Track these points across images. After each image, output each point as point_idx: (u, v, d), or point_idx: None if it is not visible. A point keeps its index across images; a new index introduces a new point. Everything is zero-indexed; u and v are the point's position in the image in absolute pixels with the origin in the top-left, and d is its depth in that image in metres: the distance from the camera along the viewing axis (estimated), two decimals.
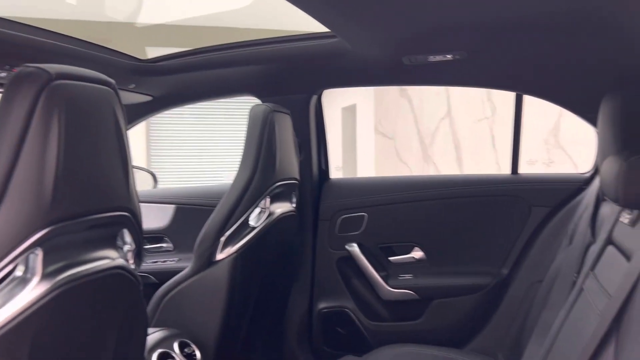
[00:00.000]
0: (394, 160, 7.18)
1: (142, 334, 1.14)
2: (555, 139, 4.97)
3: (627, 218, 1.08)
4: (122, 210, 0.96)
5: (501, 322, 1.92)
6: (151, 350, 1.35)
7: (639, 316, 0.83)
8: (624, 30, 1.33)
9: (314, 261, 2.13)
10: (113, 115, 0.90)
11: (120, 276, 0.98)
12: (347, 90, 7.34)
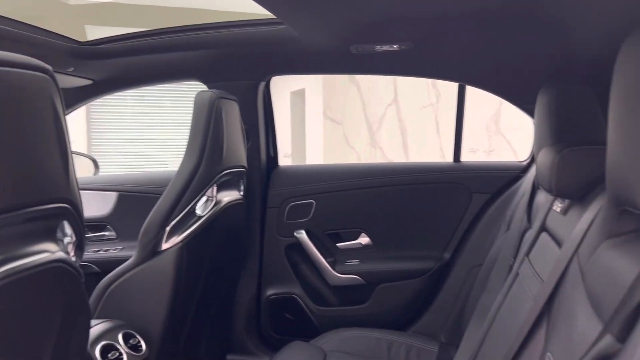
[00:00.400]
0: (342, 146, 7.24)
1: (84, 327, 1.11)
2: (496, 126, 5.15)
3: (560, 207, 1.14)
4: (62, 201, 0.93)
5: (443, 304, 1.99)
6: (94, 343, 1.32)
7: (568, 300, 0.88)
8: (558, 26, 1.39)
9: (262, 248, 2.13)
10: (51, 104, 0.86)
11: (60, 269, 0.95)
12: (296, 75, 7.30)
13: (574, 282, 0.87)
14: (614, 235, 0.80)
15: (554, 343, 0.87)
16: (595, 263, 0.82)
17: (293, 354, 1.71)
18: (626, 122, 0.71)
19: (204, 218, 1.60)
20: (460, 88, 2.00)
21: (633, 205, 0.71)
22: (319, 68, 1.96)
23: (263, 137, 2.05)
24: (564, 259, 0.93)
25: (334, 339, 1.87)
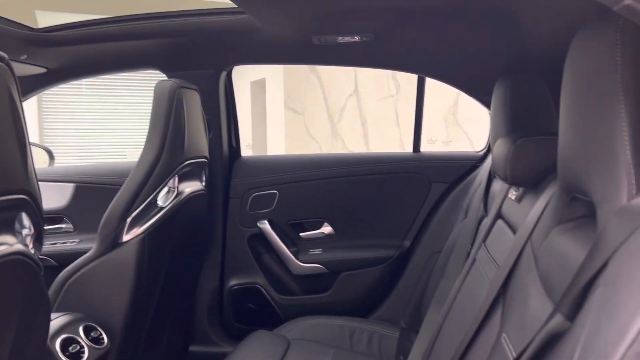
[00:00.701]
0: (304, 136, 7.24)
1: (44, 320, 1.09)
2: (453, 117, 5.27)
3: (514, 195, 1.19)
4: (20, 193, 0.91)
5: (403, 291, 2.04)
6: (55, 336, 1.30)
7: (522, 283, 0.92)
8: (511, 21, 1.44)
9: (225, 239, 2.13)
10: (7, 93, 0.84)
11: (19, 262, 0.93)
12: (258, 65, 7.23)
13: (528, 266, 0.92)
14: (565, 221, 0.85)
15: (509, 324, 0.91)
16: (547, 248, 0.86)
17: (257, 343, 1.72)
18: (576, 114, 0.75)
19: (166, 209, 1.58)
20: (419, 80, 2.04)
21: (582, 193, 0.76)
22: (280, 58, 1.96)
23: (225, 128, 2.04)
24: (518, 244, 0.98)
25: (298, 327, 1.89)
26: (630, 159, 0.61)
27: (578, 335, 0.59)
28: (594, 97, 0.69)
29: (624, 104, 0.62)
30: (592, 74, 0.70)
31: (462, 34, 1.59)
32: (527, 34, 1.51)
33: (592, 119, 0.69)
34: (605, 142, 0.65)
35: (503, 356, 0.88)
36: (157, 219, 1.55)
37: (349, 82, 6.55)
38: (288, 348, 1.70)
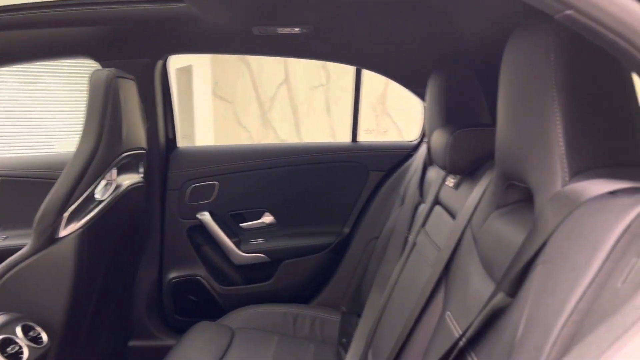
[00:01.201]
0: (234, 125, 7.16)
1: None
2: (382, 106, 5.41)
3: (452, 182, 1.27)
4: None
5: (343, 276, 2.11)
6: None
7: (463, 264, 1.00)
8: (443, 16, 1.52)
9: (163, 231, 2.09)
10: None
11: None
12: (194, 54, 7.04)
13: (468, 248, 0.99)
14: (502, 205, 0.93)
15: (452, 303, 0.98)
16: (486, 230, 0.94)
17: (201, 334, 1.72)
18: (513, 109, 0.82)
19: (105, 203, 1.54)
20: (357, 72, 2.09)
21: (519, 180, 0.83)
22: (219, 48, 1.94)
23: (161, 118, 2.00)
24: (458, 228, 1.05)
25: (241, 317, 1.90)
26: (563, 150, 0.69)
27: (521, 310, 0.66)
28: (530, 94, 0.76)
29: (558, 101, 0.69)
30: (528, 73, 0.77)
31: (397, 28, 1.65)
32: (459, 30, 1.60)
33: (529, 114, 0.76)
34: (541, 135, 0.72)
35: (448, 332, 0.95)
36: (96, 213, 1.50)
37: (280, 70, 6.54)
38: (233, 337, 1.72)
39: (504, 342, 0.70)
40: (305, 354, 1.70)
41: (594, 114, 0.69)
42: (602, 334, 0.44)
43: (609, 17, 0.48)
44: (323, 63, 5.80)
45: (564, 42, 0.70)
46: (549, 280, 0.62)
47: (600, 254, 0.55)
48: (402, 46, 1.74)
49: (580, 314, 0.54)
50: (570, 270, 0.58)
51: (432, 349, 1.00)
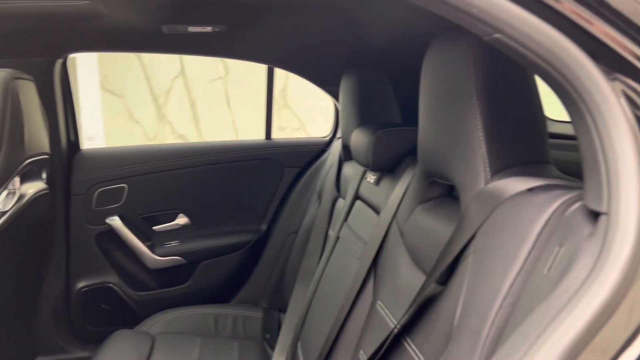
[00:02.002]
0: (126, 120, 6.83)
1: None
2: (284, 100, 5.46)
3: (373, 178, 1.34)
4: None
5: (262, 273, 2.13)
6: None
7: (390, 257, 1.07)
8: (350, 19, 1.58)
9: (69, 239, 1.98)
10: None
11: None
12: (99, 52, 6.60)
13: (395, 241, 1.07)
14: (425, 200, 1.01)
15: (383, 293, 1.06)
16: (412, 224, 1.01)
17: (120, 343, 1.66)
18: (435, 113, 0.89)
19: (8, 214, 1.43)
20: (269, 70, 2.11)
21: (442, 178, 0.91)
22: (126, 46, 1.86)
23: (62, 120, 1.88)
24: (384, 222, 1.12)
25: (160, 322, 1.86)
26: (485, 151, 0.77)
27: (455, 297, 0.74)
28: (452, 101, 0.83)
29: (478, 108, 0.77)
30: (449, 81, 0.85)
31: (308, 28, 1.70)
32: (366, 31, 1.67)
33: (452, 119, 0.84)
34: (464, 138, 0.80)
35: (381, 320, 1.02)
36: (0, 224, 1.40)
37: (174, 63, 6.33)
38: (154, 344, 1.68)
39: (440, 327, 0.77)
40: (230, 353, 1.70)
41: (509, 118, 0.79)
42: (541, 314, 0.52)
43: (532, 41, 0.55)
44: None
45: (481, 56, 0.78)
46: (481, 269, 0.70)
47: (526, 244, 0.63)
48: (314, 46, 1.79)
49: (513, 298, 0.62)
50: (501, 259, 0.66)
51: (366, 337, 1.06)
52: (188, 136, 6.21)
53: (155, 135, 6.56)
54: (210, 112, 6.16)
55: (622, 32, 0.54)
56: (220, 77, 6.07)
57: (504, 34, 0.57)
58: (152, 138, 6.49)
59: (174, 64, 6.19)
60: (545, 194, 0.66)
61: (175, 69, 6.23)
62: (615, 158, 0.52)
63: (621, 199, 0.51)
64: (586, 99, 0.54)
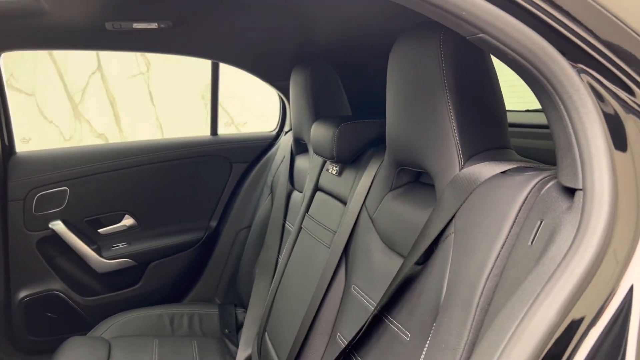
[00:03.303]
0: (39, 120, 6.45)
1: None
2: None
3: (335, 170, 1.39)
4: None
5: (215, 269, 2.13)
6: None
7: (362, 244, 1.13)
8: (295, 15, 1.63)
9: (7, 247, 1.88)
10: None
11: None
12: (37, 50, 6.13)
13: (366, 228, 1.13)
14: (395, 187, 1.08)
15: (357, 277, 1.11)
16: (383, 211, 1.08)
17: (75, 351, 1.61)
18: (405, 106, 0.96)
19: None
20: (213, 66, 2.10)
21: (412, 166, 0.98)
22: (67, 44, 1.78)
23: None
24: (353, 211, 1.18)
25: (114, 326, 1.82)
26: (457, 140, 0.85)
27: (440, 273, 0.81)
28: (423, 94, 0.90)
29: (450, 101, 0.85)
30: (419, 75, 0.91)
31: (256, 24, 1.72)
32: (311, 27, 1.72)
33: (423, 111, 0.91)
34: (437, 128, 0.87)
35: (357, 303, 1.08)
36: None
37: (90, 58, 6.05)
38: (110, 348, 1.65)
39: (425, 303, 0.84)
40: (189, 351, 1.71)
41: (476, 109, 0.87)
42: (533, 281, 0.60)
43: (513, 40, 0.63)
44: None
45: (450, 53, 0.85)
46: (465, 246, 0.77)
47: (507, 220, 0.71)
48: (261, 42, 1.81)
49: (499, 269, 0.70)
50: (484, 236, 0.74)
51: (342, 320, 1.12)
52: (108, 135, 5.97)
53: (71, 135, 6.24)
54: (131, 110, 5.95)
55: (586, 31, 0.63)
56: (141, 73, 5.87)
57: (488, 34, 0.64)
58: (68, 139, 6.17)
59: (90, 59, 5.91)
60: (520, 176, 0.75)
61: (92, 64, 5.95)
62: (587, 141, 0.61)
63: (595, 176, 0.60)
64: (560, 90, 0.63)
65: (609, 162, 0.60)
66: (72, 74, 6.12)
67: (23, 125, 6.44)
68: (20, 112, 6.42)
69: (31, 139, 6.36)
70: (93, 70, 6.02)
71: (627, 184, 0.60)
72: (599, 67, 0.63)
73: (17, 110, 6.36)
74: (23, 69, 6.29)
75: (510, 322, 0.57)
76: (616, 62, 0.63)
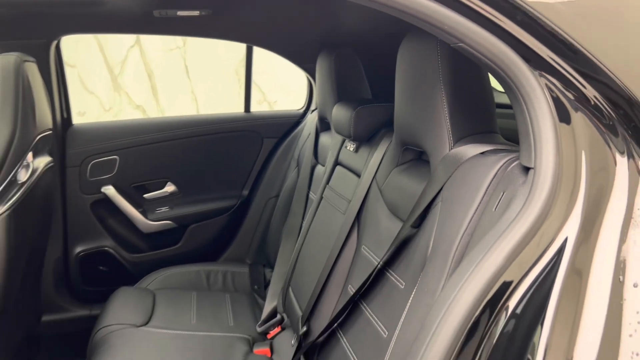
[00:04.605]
0: (80, 91, 6.76)
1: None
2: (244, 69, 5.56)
3: (352, 147, 1.58)
4: None
5: (246, 233, 2.36)
6: None
7: (372, 210, 1.32)
8: (329, 4, 1.79)
9: (65, 208, 2.14)
10: None
11: None
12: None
13: (375, 198, 1.32)
14: (400, 164, 1.26)
15: (366, 239, 1.31)
16: (390, 183, 1.27)
17: (125, 299, 1.87)
18: (409, 94, 1.14)
19: (26, 185, 1.59)
20: (248, 49, 2.29)
21: (414, 145, 1.16)
22: (119, 28, 2.00)
23: (57, 98, 2.02)
24: (365, 183, 1.37)
25: (157, 280, 2.07)
26: (449, 124, 1.02)
27: (429, 234, 1.00)
28: (423, 86, 1.08)
29: (444, 92, 1.02)
30: (420, 71, 1.09)
31: (288, 11, 1.89)
32: (340, 14, 1.88)
33: (423, 100, 1.08)
34: (434, 115, 1.05)
35: (366, 260, 1.27)
36: (19, 195, 1.56)
37: None
38: (155, 298, 1.89)
39: (417, 258, 1.03)
40: (223, 303, 1.94)
41: (466, 100, 1.04)
42: (489, 236, 0.78)
43: (485, 49, 0.79)
44: None
45: (446, 53, 1.02)
46: (448, 212, 0.95)
47: (480, 192, 0.89)
48: (292, 27, 1.99)
49: (471, 229, 0.88)
50: (461, 204, 0.92)
51: (353, 274, 1.32)
52: (146, 107, 6.23)
53: (111, 106, 6.53)
54: (169, 82, 6.19)
55: (545, 43, 0.79)
56: (178, 47, 6.08)
57: (466, 44, 0.81)
58: (108, 109, 6.47)
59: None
60: (494, 156, 0.92)
61: (131, 38, 6.19)
62: (539, 130, 0.78)
63: (542, 158, 0.77)
64: (521, 90, 0.80)
65: (555, 148, 0.77)
66: (112, 48, 6.38)
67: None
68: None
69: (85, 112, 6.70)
70: (132, 44, 6.26)
71: (569, 165, 0.77)
72: (554, 73, 0.80)
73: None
74: (66, 42, 6.60)
75: (469, 266, 0.76)
76: (568, 69, 0.79)
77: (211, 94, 5.60)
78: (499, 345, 0.72)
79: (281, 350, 1.58)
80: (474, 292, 0.73)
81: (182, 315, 1.79)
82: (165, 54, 6.13)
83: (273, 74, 5.31)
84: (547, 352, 0.68)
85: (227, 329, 1.73)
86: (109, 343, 1.60)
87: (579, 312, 0.70)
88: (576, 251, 0.73)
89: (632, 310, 0.69)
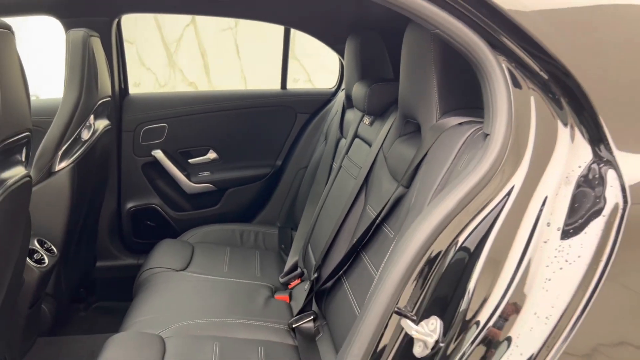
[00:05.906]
0: (137, 67, 7.13)
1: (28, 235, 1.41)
2: (292, 52, 5.76)
3: (368, 121, 1.77)
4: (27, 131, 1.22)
5: (278, 199, 2.59)
6: None
7: (377, 175, 1.51)
8: None
9: (120, 167, 2.43)
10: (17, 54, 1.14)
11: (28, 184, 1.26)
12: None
13: (381, 164, 1.51)
14: (402, 135, 1.44)
15: (370, 199, 1.50)
16: (393, 151, 1.45)
17: (168, 248, 2.13)
18: (409, 73, 1.31)
19: (87, 143, 1.87)
20: (285, 31, 2.50)
21: (413, 118, 1.34)
22: (170, 9, 2.25)
23: (116, 70, 2.29)
24: (373, 152, 1.56)
25: (196, 235, 2.33)
26: (437, 99, 1.19)
27: (412, 193, 1.18)
28: (419, 67, 1.25)
29: (434, 72, 1.19)
30: (418, 53, 1.26)
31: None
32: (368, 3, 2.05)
33: (419, 77, 1.26)
34: (426, 91, 1.22)
35: (368, 216, 1.47)
36: (82, 151, 1.84)
37: None
38: (193, 250, 2.15)
39: (403, 212, 1.22)
40: (253, 258, 2.18)
41: (453, 78, 1.21)
42: (448, 187, 0.96)
43: (456, 35, 0.96)
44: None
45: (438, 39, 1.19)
46: (428, 172, 1.14)
47: (452, 155, 1.07)
48: (325, 11, 2.18)
49: (442, 185, 1.06)
50: (438, 164, 1.10)
51: (359, 229, 1.52)
52: (198, 84, 6.54)
53: (166, 82, 6.88)
54: (220, 61, 6.46)
55: (505, 32, 0.96)
56: (230, 28, 6.33)
57: (440, 30, 0.98)
58: (163, 85, 6.83)
59: None
60: (467, 126, 1.09)
61: (187, 18, 6.49)
62: (495, 103, 0.95)
63: (496, 126, 0.94)
64: (484, 70, 0.96)
65: (507, 117, 0.93)
66: (169, 26, 6.70)
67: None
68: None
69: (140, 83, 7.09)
70: (187, 23, 6.57)
71: (520, 130, 0.93)
72: (511, 56, 0.96)
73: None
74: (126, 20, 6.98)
75: (429, 210, 0.95)
76: (524, 54, 0.95)
77: (259, 74, 5.84)
78: (447, 273, 0.91)
79: (298, 297, 1.81)
80: (428, 229, 0.91)
81: (216, 264, 2.04)
82: (218, 34, 6.40)
83: (318, 55, 5.50)
84: (480, 277, 0.86)
85: (253, 278, 1.97)
86: (152, 282, 1.86)
87: (509, 246, 0.87)
88: (518, 200, 0.90)
89: (552, 248, 0.86)
